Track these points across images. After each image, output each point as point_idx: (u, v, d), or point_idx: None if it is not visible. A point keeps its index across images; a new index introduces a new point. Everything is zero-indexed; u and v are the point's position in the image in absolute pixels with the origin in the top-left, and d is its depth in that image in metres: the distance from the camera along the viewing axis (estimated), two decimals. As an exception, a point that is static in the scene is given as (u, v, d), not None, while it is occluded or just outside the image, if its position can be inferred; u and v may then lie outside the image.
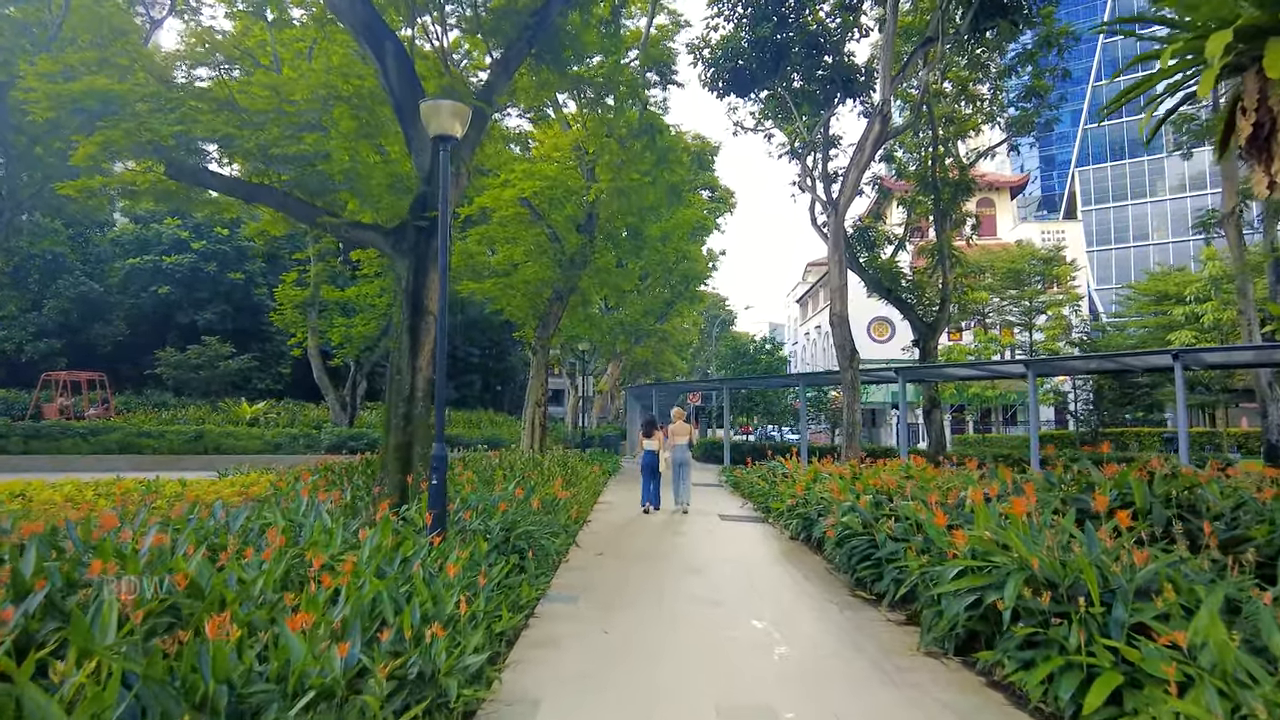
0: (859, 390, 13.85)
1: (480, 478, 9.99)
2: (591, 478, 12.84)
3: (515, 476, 10.22)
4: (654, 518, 11.14)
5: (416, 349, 8.62)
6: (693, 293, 32.59)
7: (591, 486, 12.27)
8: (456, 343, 52.19)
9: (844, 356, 13.77)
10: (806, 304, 61.34)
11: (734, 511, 11.97)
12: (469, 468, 11.31)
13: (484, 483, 9.73)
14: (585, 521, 10.19)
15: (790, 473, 11.28)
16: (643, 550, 8.31)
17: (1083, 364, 14.07)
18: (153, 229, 32.76)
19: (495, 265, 17.37)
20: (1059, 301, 34.01)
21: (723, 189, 38.27)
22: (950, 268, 20.19)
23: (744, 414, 28.29)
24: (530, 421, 17.98)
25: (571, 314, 20.34)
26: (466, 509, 6.80)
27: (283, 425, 24.52)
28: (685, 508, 11.69)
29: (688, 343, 60.70)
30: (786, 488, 10.06)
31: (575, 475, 11.96)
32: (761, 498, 11.75)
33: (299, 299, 23.46)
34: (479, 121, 9.03)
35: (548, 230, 17.07)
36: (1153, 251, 66.33)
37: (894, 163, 22.20)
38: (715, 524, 10.61)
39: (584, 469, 13.21)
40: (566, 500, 9.17)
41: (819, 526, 7.81)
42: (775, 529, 10.11)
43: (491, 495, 7.14)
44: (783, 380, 21.25)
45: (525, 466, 11.75)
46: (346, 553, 4.68)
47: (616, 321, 29.38)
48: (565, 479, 11.19)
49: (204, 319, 32.10)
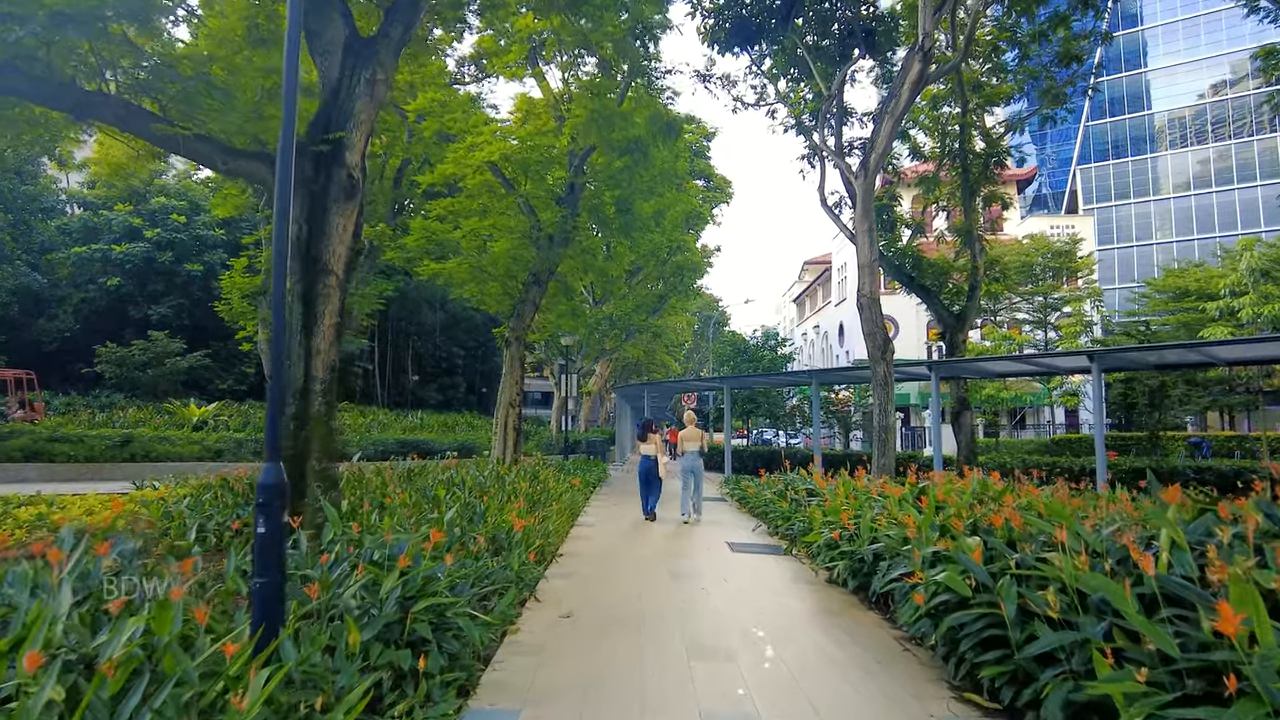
0: (892, 387, 11.48)
1: (421, 500, 7.56)
2: (568, 495, 10.40)
3: (464, 497, 7.79)
4: (646, 547, 8.73)
5: (312, 323, 6.18)
6: (687, 286, 30.24)
7: (566, 508, 9.84)
8: (439, 342, 49.78)
9: (875, 346, 11.40)
10: (804, 303, 59.20)
11: (745, 538, 9.57)
12: (414, 483, 8.88)
13: (422, 504, 7.31)
14: (554, 557, 7.75)
15: (822, 492, 8.85)
16: (629, 608, 5.88)
17: (1158, 357, 11.71)
18: (102, 215, 30.14)
19: (463, 245, 14.91)
20: (1079, 297, 31.83)
21: (719, 178, 35.98)
22: (981, 251, 17.88)
23: (744, 416, 25.95)
24: (503, 425, 15.54)
25: (552, 304, 17.93)
26: (355, 563, 4.37)
27: (234, 429, 21.99)
28: (697, 519, 10.94)
29: (681, 342, 58.42)
30: (821, 514, 7.63)
31: (546, 493, 9.53)
32: (781, 521, 9.36)
33: (248, 288, 20.92)
34: (406, 11, 6.60)
35: (522, 203, 14.66)
36: (1157, 250, 64.58)
37: (907, 140, 19.94)
38: (724, 557, 8.19)
39: (558, 484, 10.76)
40: (527, 530, 6.74)
41: (882, 577, 5.41)
42: (802, 564, 7.71)
43: (398, 541, 4.69)
44: (791, 378, 18.85)
45: (486, 482, 9.33)
46: None
47: (604, 315, 26.97)
48: (532, 499, 8.76)
49: (159, 314, 29.50)
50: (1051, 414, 37.78)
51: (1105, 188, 69.17)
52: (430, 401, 46.37)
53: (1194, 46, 66.98)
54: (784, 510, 9.46)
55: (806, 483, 10.03)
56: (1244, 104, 62.18)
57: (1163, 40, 68.66)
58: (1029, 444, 31.51)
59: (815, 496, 9.28)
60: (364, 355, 40.78)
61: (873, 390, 11.57)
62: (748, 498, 12.16)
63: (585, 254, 16.37)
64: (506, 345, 15.80)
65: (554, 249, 14.95)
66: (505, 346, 15.86)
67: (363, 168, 6.45)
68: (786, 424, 24.61)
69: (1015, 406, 35.28)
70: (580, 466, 17.13)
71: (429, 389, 48.80)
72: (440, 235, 15.11)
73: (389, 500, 7.49)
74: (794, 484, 10.18)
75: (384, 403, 41.70)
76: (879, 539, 5.96)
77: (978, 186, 17.93)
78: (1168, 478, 14.90)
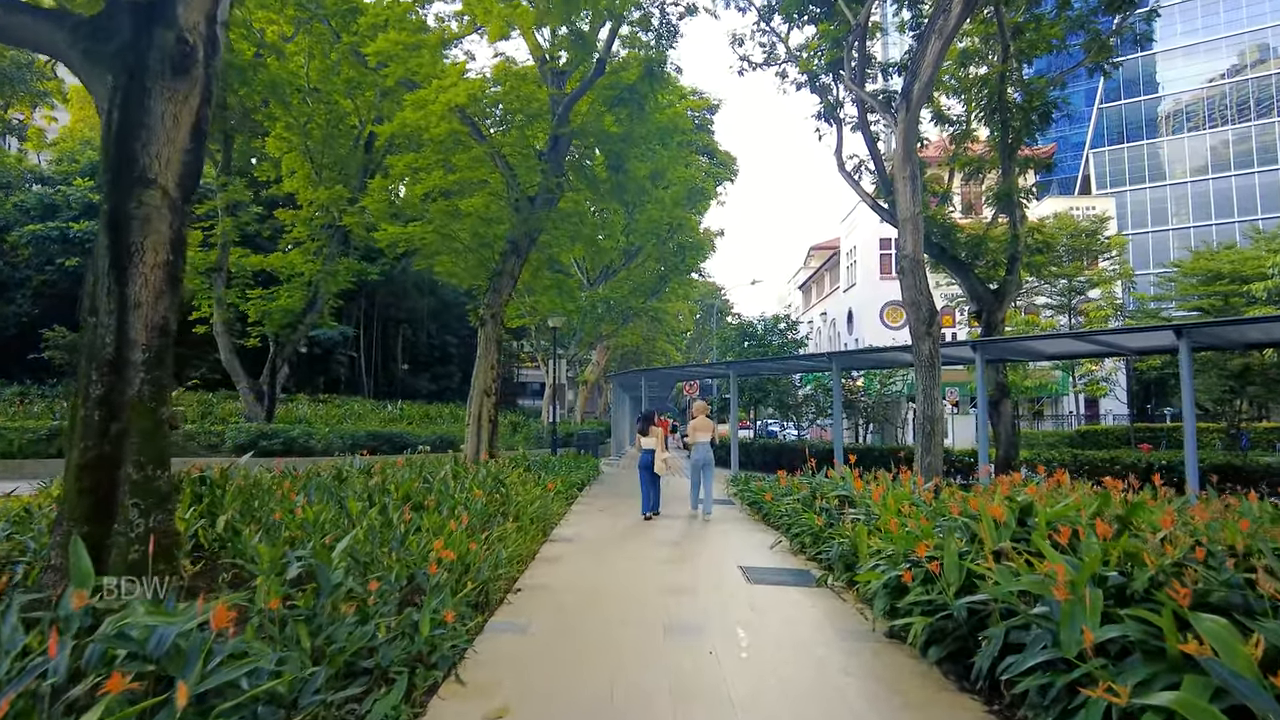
0: (939, 368, 9.39)
1: (329, 516, 5.54)
2: (539, 503, 8.32)
3: (384, 512, 5.76)
4: (634, 575, 6.67)
5: (126, 260, 4.13)
6: (689, 266, 28.11)
7: (536, 519, 7.79)
8: (432, 331, 47.66)
9: (919, 319, 9.31)
10: (810, 290, 57.08)
11: (762, 558, 7.51)
12: (340, 489, 6.86)
13: (326, 524, 5.29)
14: (504, 599, 5.69)
15: (862, 500, 6.76)
16: (597, 696, 3.83)
17: (1263, 331, 9.60)
18: (60, 192, 28.01)
19: (431, 210, 12.79)
20: (1109, 279, 29.62)
21: (723, 153, 33.85)
22: (1021, 218, 15.76)
23: (751, 406, 23.87)
24: (476, 417, 13.49)
25: (536, 279, 15.86)
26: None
27: (190, 420, 19.97)
28: (706, 517, 10.29)
29: (683, 331, 56.33)
30: (874, 536, 5.57)
31: (507, 502, 7.47)
32: (809, 539, 7.31)
33: (203, 264, 18.87)
34: None
35: (495, 157, 12.56)
36: (1173, 236, 62.47)
37: (930, 104, 17.80)
38: (739, 591, 6.13)
39: (529, 490, 8.69)
40: (466, 561, 4.71)
41: (992, 653, 3.35)
42: (843, 601, 5.67)
43: (169, 623, 2.62)
44: (808, 362, 16.69)
45: (434, 490, 7.28)
46: None
47: (600, 297, 24.87)
48: (486, 513, 6.71)
49: (122, 297, 27.35)
50: (1075, 404, 35.63)
51: (1119, 172, 66.99)
52: (422, 392, 44.32)
53: (1213, 25, 64.67)
54: (813, 524, 7.40)
55: (839, 487, 7.96)
56: (1267, 85, 59.93)
57: (1179, 19, 66.18)
58: (1051, 436, 29.46)
59: (854, 507, 7.22)
60: (348, 343, 38.71)
61: (916, 372, 9.49)
62: (762, 503, 10.09)
63: (572, 220, 14.27)
64: (481, 324, 13.73)
65: (535, 212, 12.87)
66: (480, 326, 13.79)
67: (210, 35, 4.36)
68: (799, 415, 22.55)
69: (1035, 396, 33.14)
70: (567, 464, 15.09)
71: (421, 379, 46.77)
72: (406, 198, 13.00)
73: (283, 515, 5.48)
74: (822, 488, 8.10)
75: (370, 393, 39.67)
76: (979, 588, 3.90)
77: (1018, 144, 15.77)
78: (1241, 475, 12.84)
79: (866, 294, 39.74)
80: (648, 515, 10.21)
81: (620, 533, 9.00)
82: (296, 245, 19.49)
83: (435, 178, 11.95)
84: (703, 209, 31.06)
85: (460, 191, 12.42)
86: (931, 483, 8.02)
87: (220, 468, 6.83)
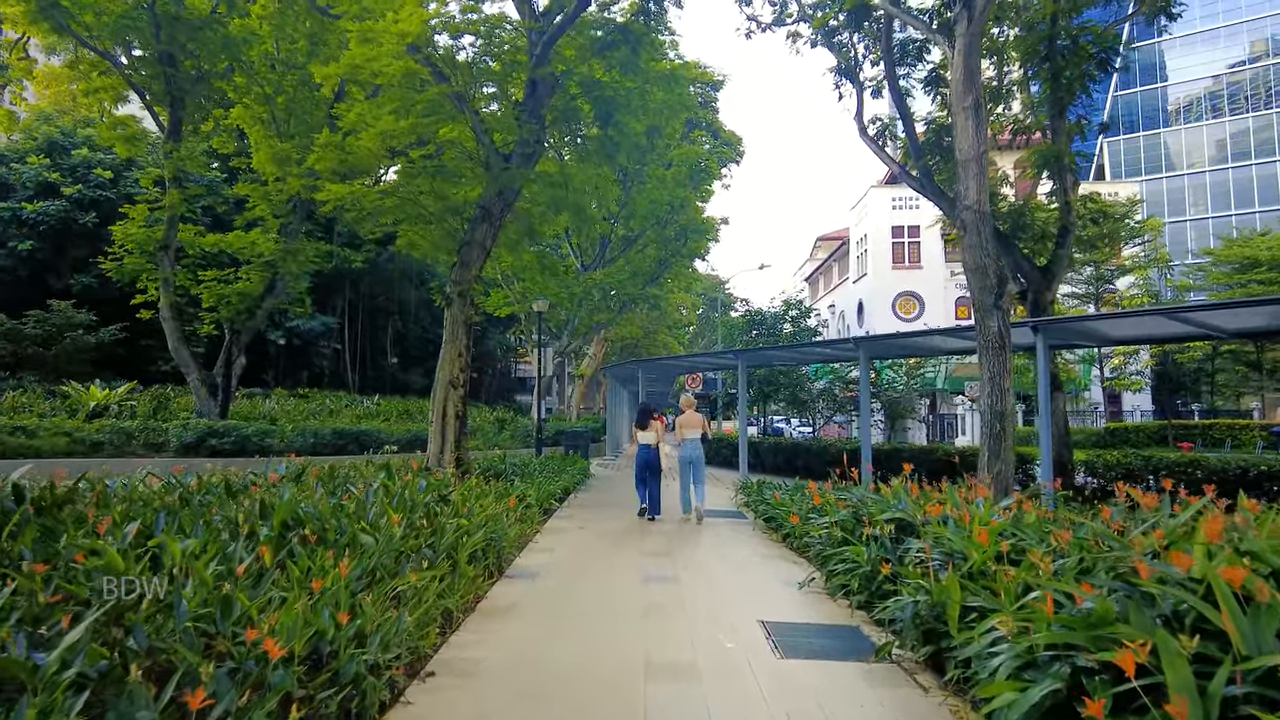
0: (1010, 350, 7.33)
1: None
2: (487, 532, 6.20)
3: (228, 557, 3.75)
4: (608, 641, 4.64)
5: None
6: (691, 250, 26.00)
7: (483, 550, 5.75)
8: (426, 324, 45.60)
9: (984, 287, 7.25)
10: (817, 281, 55.03)
11: (791, 608, 5.48)
12: (225, 507, 4.87)
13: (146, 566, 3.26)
14: (405, 693, 3.65)
15: (956, 541, 4.65)
16: None
17: None
18: (13, 170, 25.98)
19: (372, 160, 10.69)
20: (1142, 265, 27.44)
21: (727, 133, 31.72)
22: (1074, 184, 13.68)
23: (760, 401, 21.79)
24: (440, 414, 11.46)
25: (517, 253, 13.83)
26: None
27: (141, 417, 17.97)
28: (700, 517, 9.71)
29: (685, 324, 54.28)
30: (971, 591, 3.54)
31: (438, 533, 5.41)
32: (859, 582, 5.29)
33: (148, 242, 16.84)
34: None
35: (458, 102, 10.48)
36: (1190, 227, 60.29)
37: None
38: (765, 670, 4.08)
39: (483, 508, 6.59)
40: (335, 638, 2.68)
41: None
42: (923, 693, 3.65)
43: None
44: (831, 349, 14.41)
45: (340, 514, 5.26)
46: None
47: (594, 282, 22.81)
48: (399, 550, 4.70)
49: (82, 284, 25.39)
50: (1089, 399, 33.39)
51: (1134, 161, 64.79)
52: (415, 386, 42.32)
53: (1233, 9, 62.49)
54: (860, 561, 5.37)
55: (891, 507, 5.90)
56: (1292, 69, 57.84)
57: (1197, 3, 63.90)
58: (1076, 434, 27.35)
59: (917, 536, 5.18)
60: (331, 335, 36.68)
61: (980, 356, 7.43)
62: (782, 521, 8.05)
63: (555, 186, 12.21)
64: (447, 303, 11.69)
65: (509, 169, 10.81)
66: (445, 305, 11.75)
67: None
68: (812, 410, 20.43)
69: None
70: (551, 467, 13.07)
71: (413, 373, 44.78)
72: (356, 151, 10.91)
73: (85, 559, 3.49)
74: (869, 509, 6.04)
75: (356, 388, 37.67)
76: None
77: (1070, 98, 13.67)
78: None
79: (877, 284, 37.71)
80: (651, 517, 9.83)
81: (601, 562, 6.97)
82: (254, 225, 17.47)
83: (385, 122, 9.89)
84: (706, 195, 28.98)
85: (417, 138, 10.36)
86: (1011, 500, 6.00)
87: (62, 475, 4.81)
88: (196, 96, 17.49)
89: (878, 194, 38.52)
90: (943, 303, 36.98)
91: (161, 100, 16.79)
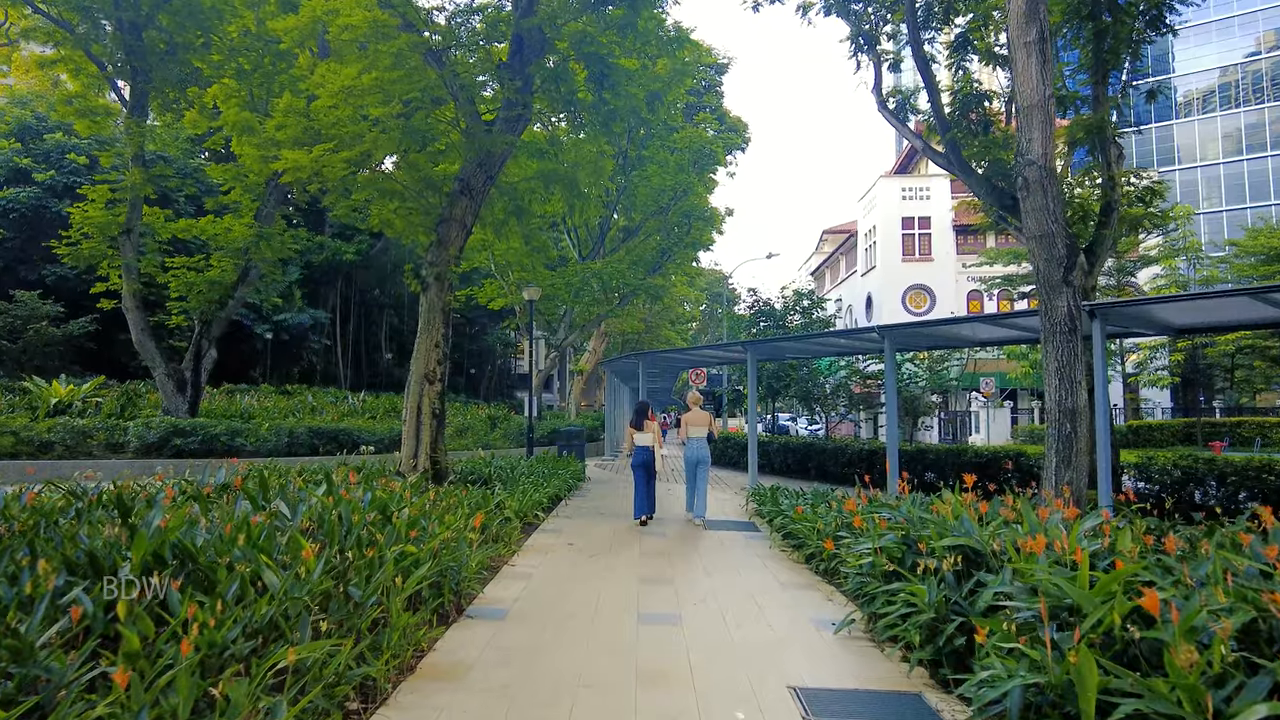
0: (1081, 337, 6.06)
1: None
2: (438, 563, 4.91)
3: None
4: (603, 689, 3.43)
5: None
6: (695, 239, 24.70)
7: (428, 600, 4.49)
8: (422, 318, 44.46)
9: (1052, 258, 5.97)
10: (824, 275, 53.75)
11: (829, 664, 4.22)
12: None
13: None
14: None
15: (1069, 589, 3.39)
16: None
17: None
18: (-17, 156, 24.76)
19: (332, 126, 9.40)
20: (1171, 254, 26.07)
21: (733, 118, 30.40)
22: (1119, 157, 12.39)
23: (770, 397, 20.48)
24: (414, 411, 10.22)
25: (502, 232, 12.57)
26: None
27: (104, 414, 16.75)
28: (703, 521, 9.29)
29: (689, 318, 53.01)
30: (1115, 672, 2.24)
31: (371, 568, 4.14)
32: (921, 635, 4.03)
33: (111, 226, 15.59)
34: None
35: (431, 58, 9.21)
36: (1203, 220, 58.93)
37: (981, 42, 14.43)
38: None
39: (440, 531, 5.32)
40: None
41: None
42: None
43: None
44: (850, 339, 12.96)
45: (243, 541, 4.04)
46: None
47: (592, 271, 21.54)
48: (304, 601, 3.44)
49: (56, 274, 24.15)
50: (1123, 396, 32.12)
51: (1145, 153, 63.45)
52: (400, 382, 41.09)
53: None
54: (922, 604, 4.11)
55: (953, 530, 4.63)
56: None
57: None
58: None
59: (990, 571, 3.93)
60: (320, 329, 35.43)
61: (1045, 344, 6.16)
62: (805, 538, 6.79)
63: (544, 157, 10.94)
64: (423, 288, 10.44)
65: (491, 136, 9.54)
66: (421, 290, 10.49)
67: None
68: (826, 407, 19.09)
69: None
70: (541, 470, 11.81)
71: (408, 368, 43.53)
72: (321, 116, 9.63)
73: None
74: (924, 532, 4.78)
75: (348, 384, 36.44)
76: None
77: (1114, 63, 12.37)
78: None
79: (887, 277, 36.48)
80: (649, 515, 9.37)
81: (587, 593, 5.71)
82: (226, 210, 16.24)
83: (345, 75, 8.62)
84: (711, 185, 27.67)
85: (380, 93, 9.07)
86: (1099, 519, 4.74)
87: None
88: (166, 73, 16.23)
89: (887, 184, 37.26)
90: (954, 296, 35.72)
91: (124, 74, 15.54)
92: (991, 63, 14.49)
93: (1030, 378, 27.24)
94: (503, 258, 20.13)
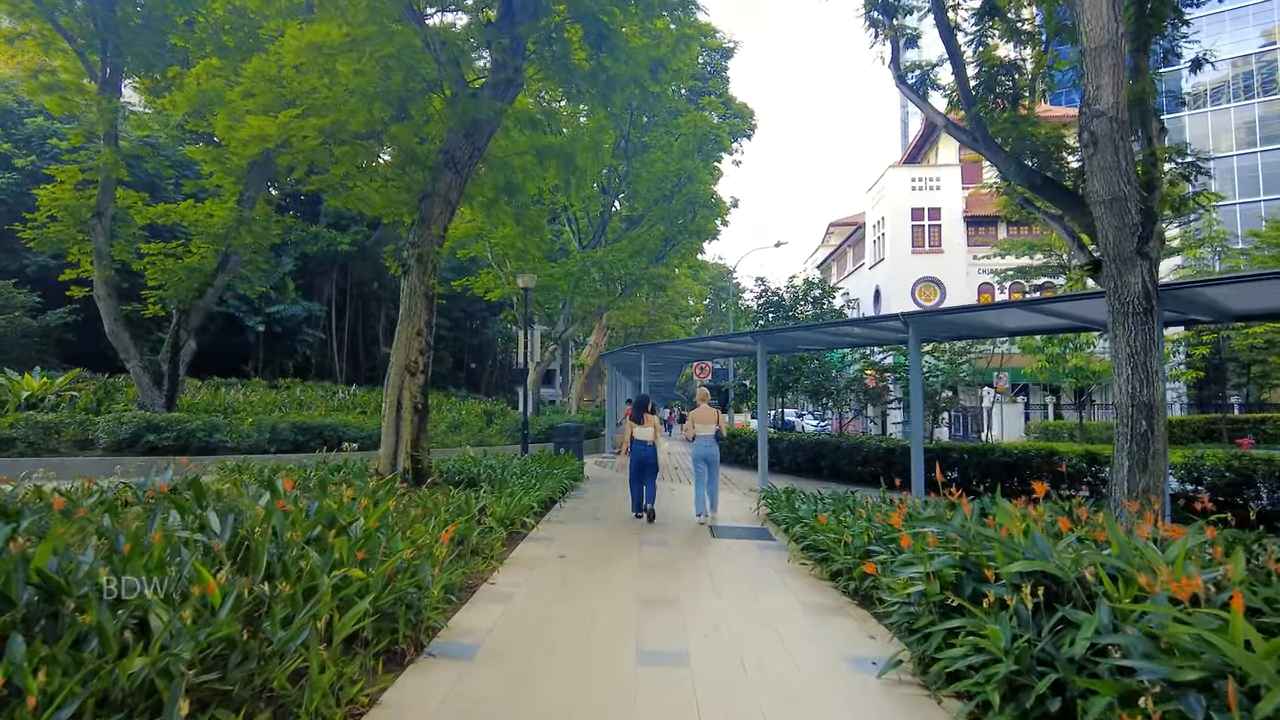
0: (1158, 319, 5.17)
1: None
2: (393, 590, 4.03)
3: None
4: None
5: None
6: (699, 227, 23.76)
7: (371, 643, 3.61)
8: (420, 312, 43.61)
9: (1123, 225, 5.07)
10: (830, 268, 52.72)
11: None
12: None
13: None
14: None
15: (1235, 653, 2.51)
16: None
17: None
18: (-42, 145, 23.90)
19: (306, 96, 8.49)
20: (1196, 243, 25.06)
21: (739, 104, 29.43)
22: (1161, 132, 11.44)
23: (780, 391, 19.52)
24: (394, 405, 9.33)
25: (492, 212, 11.67)
26: None
27: (78, 409, 15.90)
28: (712, 522, 8.82)
29: (692, 312, 52.04)
30: None
31: (292, 605, 3.26)
32: (1002, 694, 3.12)
33: (81, 208, 14.72)
34: None
35: (407, 12, 8.31)
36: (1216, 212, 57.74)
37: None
38: None
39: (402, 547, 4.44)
40: None
41: None
42: None
43: None
44: (869, 329, 11.86)
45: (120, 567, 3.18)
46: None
47: (592, 260, 20.64)
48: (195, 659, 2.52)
49: (36, 264, 23.33)
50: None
51: (1156, 146, 61.99)
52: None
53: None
54: (994, 647, 3.22)
55: (1024, 551, 3.73)
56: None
57: (1221, -17, 61.25)
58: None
59: (1079, 606, 3.03)
60: (315, 321, 34.56)
61: (1113, 326, 5.25)
62: (831, 551, 5.90)
63: (536, 127, 10.04)
64: (404, 271, 9.55)
65: (477, 101, 8.64)
66: (402, 274, 9.60)
67: None
68: (840, 402, 18.14)
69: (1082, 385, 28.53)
70: (534, 470, 10.93)
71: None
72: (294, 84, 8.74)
73: None
74: (975, 547, 3.88)
75: (343, 377, 35.61)
76: None
77: (1156, 29, 11.42)
78: None
79: (896, 270, 35.48)
80: (648, 508, 9.06)
81: (578, 621, 4.82)
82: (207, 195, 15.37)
83: (313, 32, 7.72)
84: (716, 174, 26.72)
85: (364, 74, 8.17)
86: (1201, 538, 3.86)
87: None
88: (141, 48, 15.33)
89: (896, 174, 36.25)
90: (965, 289, 34.75)
91: (95, 48, 14.66)
92: (1014, 39, 13.55)
93: (1045, 373, 26.28)
94: (500, 248, 19.27)
